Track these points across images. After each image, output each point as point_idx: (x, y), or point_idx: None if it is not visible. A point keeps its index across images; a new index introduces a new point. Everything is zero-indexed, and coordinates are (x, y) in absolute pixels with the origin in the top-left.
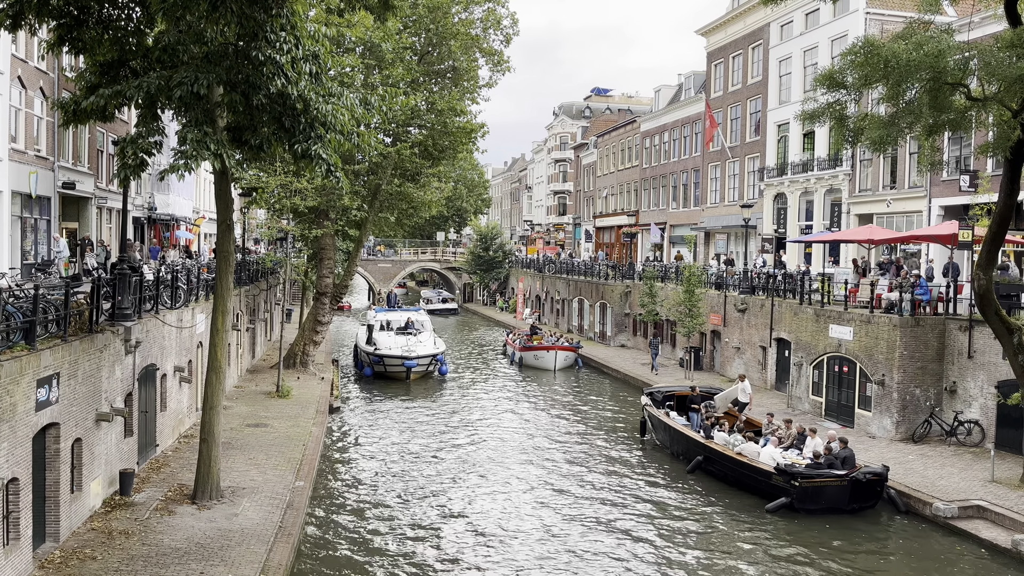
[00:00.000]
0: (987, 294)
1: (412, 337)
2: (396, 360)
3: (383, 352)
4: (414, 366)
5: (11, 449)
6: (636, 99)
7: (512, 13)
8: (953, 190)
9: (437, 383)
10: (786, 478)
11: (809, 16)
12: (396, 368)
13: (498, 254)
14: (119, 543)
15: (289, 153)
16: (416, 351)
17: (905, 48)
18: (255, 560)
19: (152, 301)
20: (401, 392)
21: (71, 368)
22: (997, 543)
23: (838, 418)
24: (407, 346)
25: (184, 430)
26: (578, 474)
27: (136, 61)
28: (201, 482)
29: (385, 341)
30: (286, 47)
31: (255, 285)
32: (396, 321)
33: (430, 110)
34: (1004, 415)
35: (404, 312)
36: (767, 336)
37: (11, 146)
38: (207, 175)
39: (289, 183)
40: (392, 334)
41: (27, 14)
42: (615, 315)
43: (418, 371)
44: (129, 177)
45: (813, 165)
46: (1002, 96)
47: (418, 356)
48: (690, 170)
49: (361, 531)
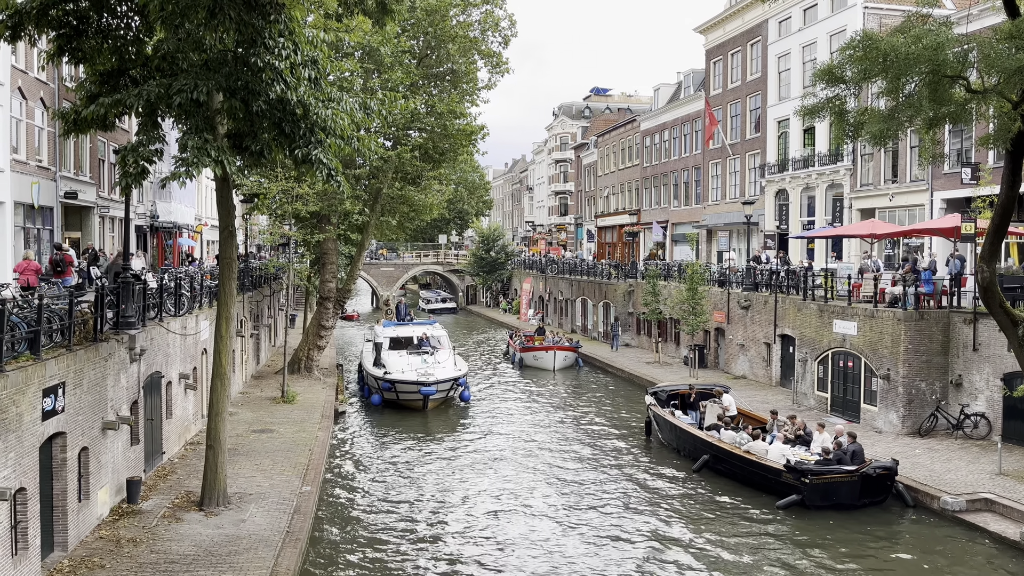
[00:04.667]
0: (991, 286)
1: (429, 357)
2: (411, 386)
3: (395, 377)
4: (432, 393)
5: (18, 459)
6: (635, 98)
7: (510, 15)
8: (955, 183)
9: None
10: (796, 475)
11: (807, 12)
12: (410, 396)
13: (500, 255)
14: (127, 551)
15: (290, 158)
16: (435, 375)
17: (904, 41)
18: (263, 566)
19: (156, 309)
20: (417, 420)
21: (76, 377)
22: (1005, 536)
23: (844, 413)
24: (423, 369)
25: (190, 437)
26: (584, 473)
27: (136, 70)
28: (208, 489)
29: (396, 363)
30: (285, 53)
31: (258, 291)
32: (408, 338)
33: (430, 113)
34: (1010, 407)
35: (417, 326)
36: (771, 333)
37: (13, 156)
38: (208, 182)
39: (290, 188)
40: (404, 354)
41: (26, 25)
42: (618, 314)
43: (437, 399)
44: (131, 185)
45: (814, 161)
46: (1002, 88)
47: (437, 381)
48: (691, 168)
49: (369, 535)
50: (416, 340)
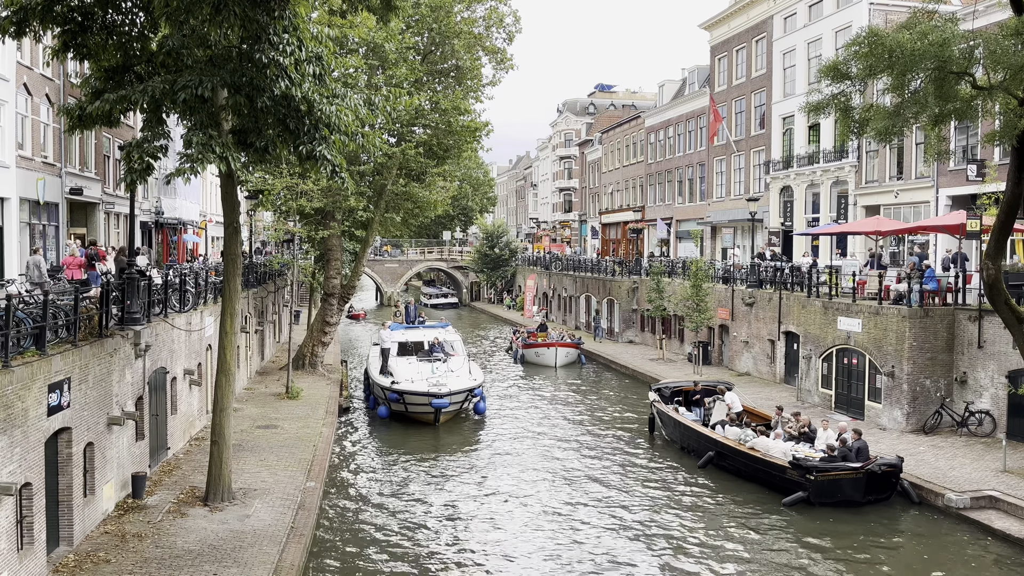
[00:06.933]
0: (996, 283)
1: (441, 365)
2: (421, 398)
3: (404, 387)
4: (445, 406)
5: (24, 454)
6: (640, 95)
7: (514, 11)
8: (960, 180)
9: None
10: (801, 472)
11: (812, 8)
12: (421, 408)
13: (504, 252)
14: (132, 546)
15: (294, 155)
16: (448, 385)
17: (909, 38)
18: (268, 561)
19: (161, 305)
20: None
21: (82, 373)
22: (1010, 533)
23: (848, 411)
24: (435, 378)
25: (195, 433)
26: (588, 469)
27: (140, 66)
28: (213, 484)
29: (405, 371)
30: (289, 49)
31: (263, 287)
32: (418, 343)
33: (434, 109)
34: (1015, 405)
35: (428, 329)
36: (775, 330)
37: (18, 153)
38: (213, 178)
39: (295, 185)
40: (414, 361)
41: (31, 21)
42: (622, 311)
43: (450, 412)
44: (136, 181)
45: (819, 157)
46: (1008, 84)
47: (450, 392)
48: (695, 164)
49: (373, 530)
50: (427, 345)
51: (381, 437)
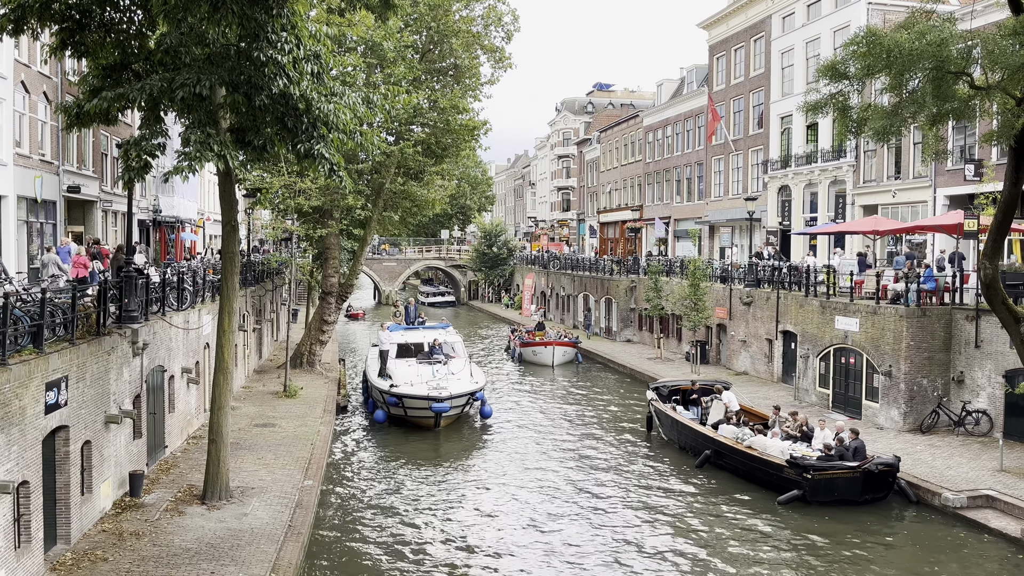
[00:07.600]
0: (993, 283)
1: (441, 367)
2: (421, 402)
3: (402, 391)
4: (446, 410)
5: (21, 452)
6: (638, 94)
7: (513, 10)
8: (958, 179)
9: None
10: (798, 471)
11: (811, 7)
12: (420, 412)
13: (502, 251)
14: (130, 544)
15: (292, 153)
16: (448, 388)
17: (907, 37)
18: (265, 559)
19: (159, 303)
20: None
21: (79, 371)
22: (1006, 532)
23: (845, 410)
24: (436, 381)
25: (192, 431)
26: (587, 468)
27: (138, 64)
28: (210, 482)
29: (404, 374)
30: (287, 47)
31: (261, 286)
32: (418, 344)
33: (432, 108)
34: (1012, 404)
35: (428, 330)
36: (773, 329)
37: (16, 151)
38: (211, 177)
39: (293, 183)
40: (413, 363)
41: (29, 18)
42: (620, 310)
43: (450, 416)
44: (133, 180)
45: (817, 157)
46: (1006, 84)
47: (451, 396)
48: (694, 164)
49: (371, 528)
50: (427, 347)
51: (379, 435)
